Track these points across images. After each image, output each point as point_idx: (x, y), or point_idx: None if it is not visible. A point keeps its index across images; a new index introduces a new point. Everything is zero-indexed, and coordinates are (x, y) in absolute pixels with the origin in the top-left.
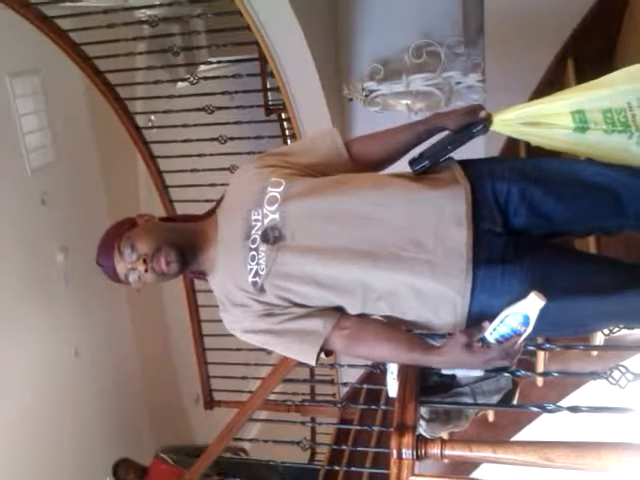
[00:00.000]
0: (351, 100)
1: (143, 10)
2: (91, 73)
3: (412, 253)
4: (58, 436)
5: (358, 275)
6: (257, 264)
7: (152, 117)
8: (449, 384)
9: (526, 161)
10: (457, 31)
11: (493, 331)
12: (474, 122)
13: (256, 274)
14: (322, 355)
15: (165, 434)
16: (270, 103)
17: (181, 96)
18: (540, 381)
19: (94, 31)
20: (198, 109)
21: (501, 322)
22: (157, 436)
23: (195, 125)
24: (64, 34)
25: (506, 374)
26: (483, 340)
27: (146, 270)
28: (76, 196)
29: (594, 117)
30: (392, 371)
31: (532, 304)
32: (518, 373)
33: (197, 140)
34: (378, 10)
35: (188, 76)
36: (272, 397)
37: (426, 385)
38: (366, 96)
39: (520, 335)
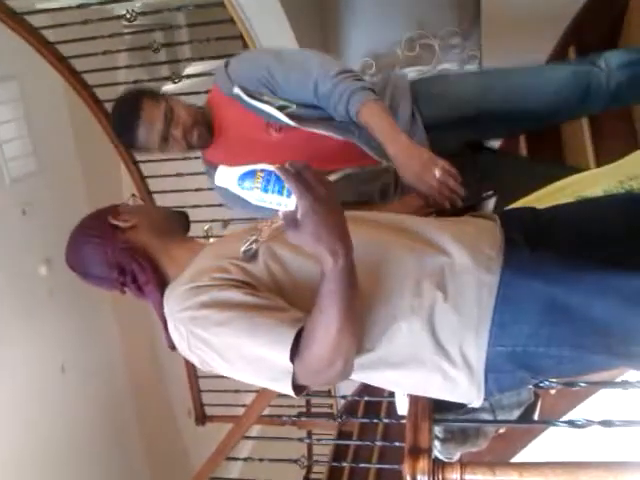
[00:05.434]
0: None
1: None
2: (67, 74)
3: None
4: (45, 454)
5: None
6: (259, 235)
7: None
8: None
9: None
10: (452, 22)
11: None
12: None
13: (253, 242)
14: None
15: (158, 449)
16: None
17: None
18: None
19: (70, 30)
20: None
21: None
22: (149, 452)
23: None
24: (37, 33)
25: (528, 386)
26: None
27: None
28: (58, 206)
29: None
30: None
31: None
32: (541, 384)
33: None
34: (368, 1)
35: (169, 75)
36: (266, 411)
37: (440, 400)
38: None
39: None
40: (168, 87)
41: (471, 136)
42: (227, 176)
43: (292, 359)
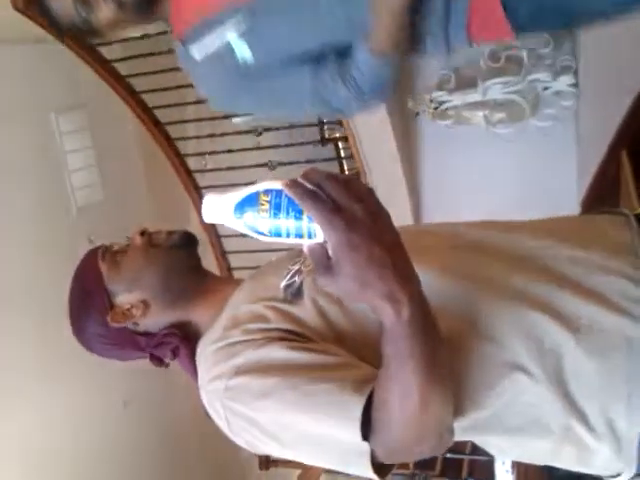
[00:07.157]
0: (417, 115)
1: None
2: (138, 108)
3: None
4: None
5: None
6: (302, 264)
7: (207, 155)
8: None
9: None
10: None
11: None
12: None
13: (296, 274)
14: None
15: None
16: (326, 128)
17: (234, 133)
18: None
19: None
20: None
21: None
22: None
23: (241, 150)
24: (110, 65)
25: None
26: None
27: None
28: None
29: None
30: (503, 461)
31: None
32: None
33: (242, 167)
34: None
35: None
36: None
37: (556, 477)
38: (435, 109)
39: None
40: (237, 120)
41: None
42: (218, 208)
43: (365, 435)
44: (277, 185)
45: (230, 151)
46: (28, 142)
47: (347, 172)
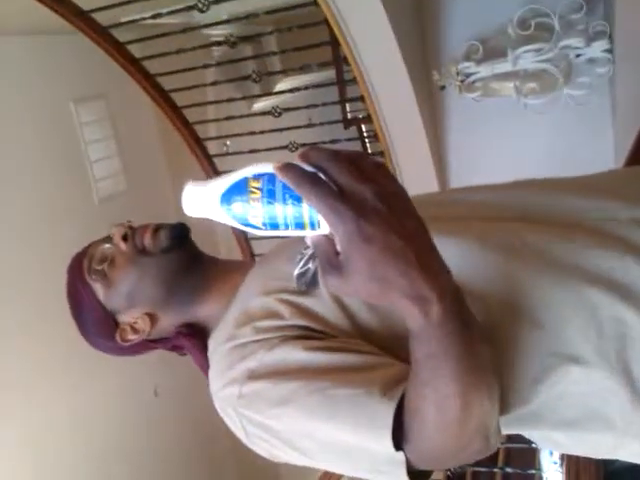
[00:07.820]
0: (443, 88)
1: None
2: (154, 92)
3: None
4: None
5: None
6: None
7: (228, 142)
8: None
9: None
10: None
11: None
12: None
13: (310, 259)
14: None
15: (251, 476)
16: (348, 111)
17: (252, 115)
18: None
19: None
20: (273, 130)
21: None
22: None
23: (262, 132)
24: (124, 48)
25: None
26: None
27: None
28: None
29: None
30: (551, 452)
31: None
32: None
33: (263, 150)
34: None
35: (260, 93)
36: None
37: (610, 471)
38: (462, 81)
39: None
40: (259, 105)
41: None
42: (202, 199)
43: (398, 442)
44: (268, 168)
45: (252, 133)
46: (48, 133)
47: (371, 152)
